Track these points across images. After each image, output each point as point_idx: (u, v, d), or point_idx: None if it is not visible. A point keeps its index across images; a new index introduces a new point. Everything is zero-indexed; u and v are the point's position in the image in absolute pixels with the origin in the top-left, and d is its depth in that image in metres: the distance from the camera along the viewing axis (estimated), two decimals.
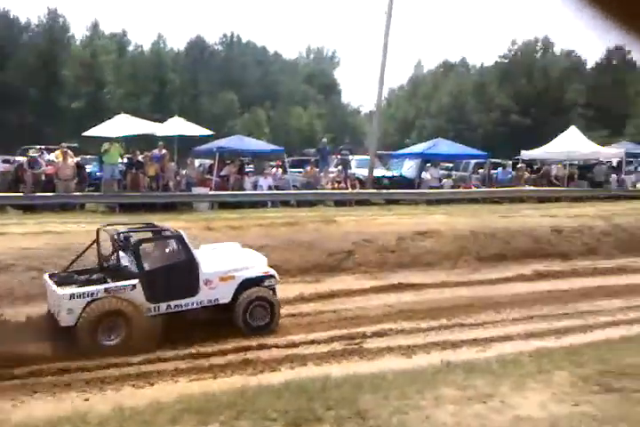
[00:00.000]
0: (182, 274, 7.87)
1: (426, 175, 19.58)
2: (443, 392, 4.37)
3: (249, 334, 7.99)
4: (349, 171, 19.39)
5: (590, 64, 57.18)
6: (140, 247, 7.85)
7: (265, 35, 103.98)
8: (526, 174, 20.69)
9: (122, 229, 8.46)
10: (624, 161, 21.69)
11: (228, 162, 18.17)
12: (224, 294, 8.08)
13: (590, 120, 47.02)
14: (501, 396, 4.26)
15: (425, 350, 7.59)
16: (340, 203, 17.88)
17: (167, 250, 8.32)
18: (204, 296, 7.97)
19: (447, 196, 18.95)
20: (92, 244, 8.36)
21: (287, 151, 20.62)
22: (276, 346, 7.75)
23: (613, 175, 20.84)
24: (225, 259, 8.55)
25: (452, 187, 19.81)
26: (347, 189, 18.31)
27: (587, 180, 21.02)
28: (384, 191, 18.37)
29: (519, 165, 21.05)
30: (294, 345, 7.82)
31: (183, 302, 7.84)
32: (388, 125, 57.95)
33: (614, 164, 22.17)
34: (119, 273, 7.85)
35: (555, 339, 7.82)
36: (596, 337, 7.47)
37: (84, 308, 7.23)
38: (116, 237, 8.02)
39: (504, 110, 47.36)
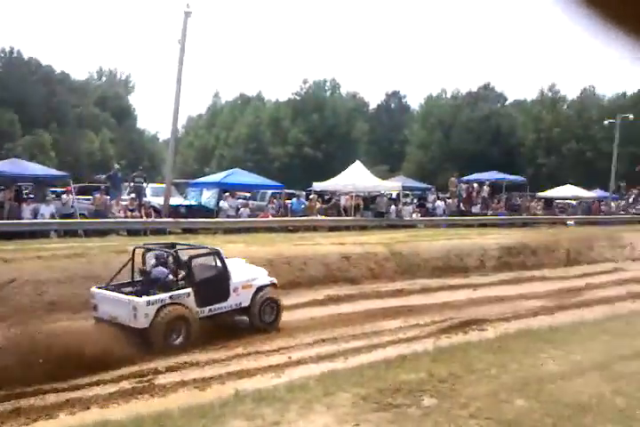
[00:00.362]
0: (220, 283, 9.55)
1: (224, 204, 19.64)
2: (230, 425, 4.29)
3: (263, 328, 9.86)
4: (144, 199, 18.67)
5: (372, 106, 63.39)
6: (192, 262, 9.42)
7: (50, 52, 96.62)
8: (318, 204, 21.87)
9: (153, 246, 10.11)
10: (401, 193, 24.08)
11: (2, 188, 16.30)
12: (245, 299, 9.87)
13: (373, 156, 51.73)
14: (288, 422, 4.31)
15: (220, 381, 7.44)
16: (134, 232, 17.04)
17: (208, 263, 9.83)
18: (233, 301, 9.74)
19: (245, 224, 19.18)
20: (128, 261, 9.51)
21: (77, 177, 19.20)
22: (56, 390, 6.99)
23: (393, 206, 22.93)
24: (241, 271, 10.14)
25: (250, 216, 20.12)
26: (141, 217, 17.55)
27: (371, 210, 22.87)
28: (181, 220, 17.98)
29: (311, 196, 22.24)
30: (77, 388, 7.13)
31: (219, 306, 9.53)
32: (188, 154, 57.40)
33: (394, 196, 24.48)
34: (157, 284, 9.07)
35: (343, 360, 8.19)
36: (378, 356, 7.98)
37: (157, 312, 8.55)
38: (165, 254, 9.50)
39: (298, 144, 49.87)
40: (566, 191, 32.20)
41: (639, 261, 20.12)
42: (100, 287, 9.29)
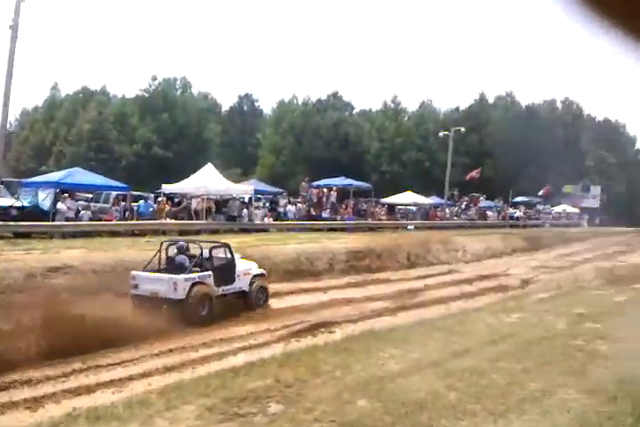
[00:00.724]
0: (229, 269, 11.94)
1: (62, 206, 18.24)
2: None
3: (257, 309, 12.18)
4: None
5: (225, 108, 62.85)
6: (213, 251, 11.89)
7: None
8: (167, 207, 21.17)
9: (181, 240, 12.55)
10: (253, 197, 24.13)
11: None
12: (244, 284, 12.22)
13: (227, 158, 51.29)
14: None
15: (54, 400, 6.86)
16: None
17: (221, 254, 12.19)
18: (237, 284, 12.04)
19: (86, 228, 18.00)
20: (157, 252, 11.55)
21: None
22: None
23: (245, 210, 22.92)
24: (240, 262, 12.52)
25: (92, 219, 18.92)
26: None
27: (223, 213, 22.65)
28: (11, 223, 16.40)
29: (160, 199, 21.47)
30: None
31: (227, 287, 11.80)
32: (22, 150, 52.58)
33: (246, 199, 24.45)
34: (179, 269, 11.24)
35: (191, 370, 7.95)
36: (227, 364, 7.86)
37: (190, 287, 10.83)
38: (185, 246, 11.91)
39: (147, 143, 47.92)
40: (407, 198, 34.53)
41: (471, 264, 22.03)
42: (139, 271, 11.28)
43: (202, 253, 11.76)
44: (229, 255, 12.14)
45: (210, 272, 11.43)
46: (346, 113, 58.24)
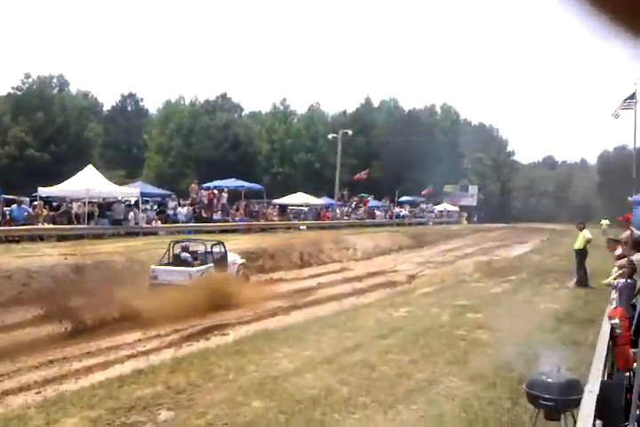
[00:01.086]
0: (223, 261, 14.54)
1: None
2: None
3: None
4: None
5: (107, 107, 60.10)
6: (213, 248, 14.45)
7: None
8: (45, 212, 19.86)
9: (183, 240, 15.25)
10: (140, 200, 23.22)
11: None
12: (233, 271, 14.91)
13: (110, 160, 49.02)
14: None
15: None
16: None
17: (217, 249, 14.67)
18: (228, 272, 14.51)
19: None
20: (167, 250, 13.92)
21: None
22: None
23: (131, 213, 22.02)
24: (229, 254, 15.04)
25: None
26: None
27: (107, 217, 21.61)
28: None
29: (36, 202, 20.08)
30: None
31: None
32: None
33: (132, 202, 23.49)
34: (185, 263, 13.66)
35: (74, 382, 7.48)
36: (114, 373, 7.48)
37: (200, 277, 13.24)
38: (188, 244, 14.54)
39: (20, 143, 44.64)
40: (298, 198, 34.90)
41: (361, 261, 22.61)
42: (156, 265, 13.43)
43: (205, 249, 14.33)
44: (223, 250, 14.76)
45: (212, 264, 14.00)
46: (235, 114, 57.74)
